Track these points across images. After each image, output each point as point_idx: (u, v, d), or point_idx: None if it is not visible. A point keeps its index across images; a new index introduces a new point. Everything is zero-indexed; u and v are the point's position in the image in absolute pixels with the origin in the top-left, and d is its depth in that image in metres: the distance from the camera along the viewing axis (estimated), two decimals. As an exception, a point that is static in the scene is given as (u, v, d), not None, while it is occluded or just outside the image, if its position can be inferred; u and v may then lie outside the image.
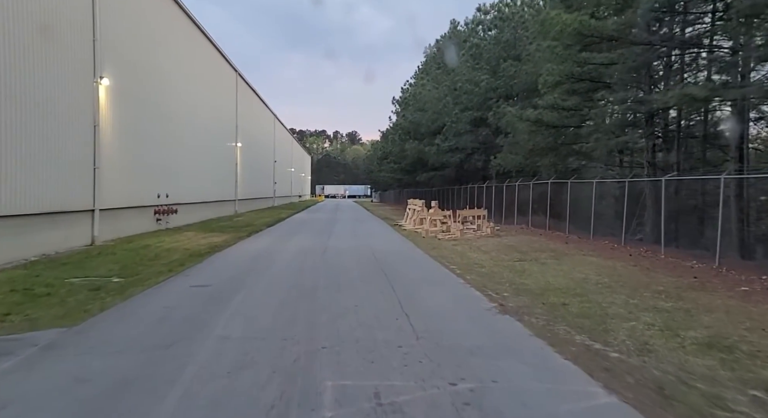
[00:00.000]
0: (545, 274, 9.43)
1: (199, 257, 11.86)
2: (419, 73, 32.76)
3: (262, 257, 11.99)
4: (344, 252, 13.06)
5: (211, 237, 16.46)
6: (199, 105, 24.02)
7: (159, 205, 18.60)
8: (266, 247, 14.22)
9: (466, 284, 8.74)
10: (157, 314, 6.44)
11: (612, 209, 15.40)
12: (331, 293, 7.89)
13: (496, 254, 12.18)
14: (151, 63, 17.98)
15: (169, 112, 19.76)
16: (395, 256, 12.51)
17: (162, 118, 19.00)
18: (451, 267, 10.56)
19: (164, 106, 19.24)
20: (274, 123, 51.29)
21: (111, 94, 14.65)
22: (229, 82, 31.16)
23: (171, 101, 20.04)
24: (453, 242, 15.00)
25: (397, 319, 6.28)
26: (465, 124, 25.01)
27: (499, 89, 23.74)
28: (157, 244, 14.10)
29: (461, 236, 16.10)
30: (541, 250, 12.68)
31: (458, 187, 30.65)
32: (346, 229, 21.52)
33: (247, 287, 8.30)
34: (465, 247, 13.91)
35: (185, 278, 9.13)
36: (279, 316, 6.41)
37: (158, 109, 18.63)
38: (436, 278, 9.50)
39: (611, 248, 12.70)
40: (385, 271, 10.02)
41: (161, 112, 18.94)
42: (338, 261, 11.43)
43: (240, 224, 23.03)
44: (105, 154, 14.33)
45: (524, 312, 6.61)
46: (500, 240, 15.22)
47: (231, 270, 10.13)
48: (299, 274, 9.74)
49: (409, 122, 30.79)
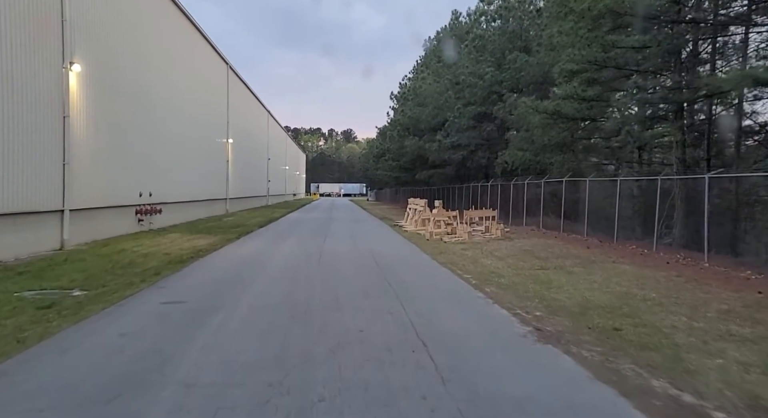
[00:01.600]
0: (577, 286, 8.17)
1: (179, 264, 10.51)
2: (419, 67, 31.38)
3: (250, 264, 10.66)
4: (342, 258, 11.75)
5: (196, 239, 15.10)
6: (186, 98, 22.60)
7: (141, 205, 17.20)
8: (256, 251, 12.88)
9: (487, 298, 7.45)
10: (110, 345, 5.11)
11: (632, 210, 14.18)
12: (329, 312, 6.58)
13: (513, 261, 10.90)
14: (132, 50, 16.55)
15: (152, 104, 18.34)
16: (399, 262, 11.22)
17: (145, 111, 17.58)
18: (465, 277, 9.28)
19: (147, 98, 17.82)
20: (268, 119, 49.83)
21: (84, 81, 13.24)
22: (220, 75, 29.71)
23: (155, 93, 18.61)
24: (461, 246, 13.73)
25: (413, 351, 4.98)
26: (468, 119, 23.74)
27: (504, 82, 22.47)
28: (135, 248, 12.73)
29: (469, 238, 14.83)
30: (562, 255, 11.42)
31: (459, 186, 29.38)
32: (343, 230, 20.20)
33: (229, 304, 6.97)
34: (476, 251, 12.64)
35: (158, 292, 7.79)
36: (265, 347, 5.09)
37: (140, 101, 17.21)
38: (450, 290, 8.21)
39: (641, 254, 11.46)
40: (390, 281, 8.72)
41: (144, 105, 17.52)
42: (336, 269, 10.12)
43: (230, 224, 21.65)
44: (77, 148, 12.93)
45: (569, 340, 5.34)
46: (513, 244, 13.96)
47: (213, 281, 8.79)
48: (292, 285, 8.42)
49: (408, 118, 29.47)
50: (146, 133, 17.79)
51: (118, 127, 15.51)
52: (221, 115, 29.76)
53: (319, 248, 13.42)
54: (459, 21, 29.62)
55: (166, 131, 19.92)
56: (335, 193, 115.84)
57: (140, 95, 17.21)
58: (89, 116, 13.66)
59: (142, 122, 17.35)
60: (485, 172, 27.87)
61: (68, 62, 12.35)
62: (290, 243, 14.89)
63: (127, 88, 16.09)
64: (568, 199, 16.29)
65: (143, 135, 17.50)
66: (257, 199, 42.74)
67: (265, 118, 48.58)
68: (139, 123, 17.10)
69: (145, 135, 17.71)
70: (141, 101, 17.26)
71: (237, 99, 33.82)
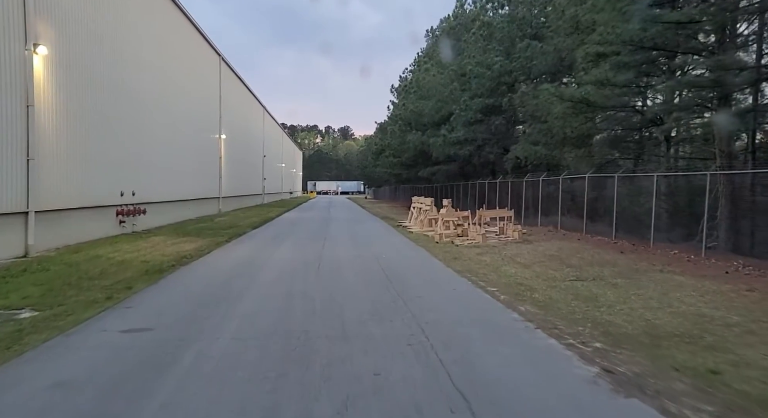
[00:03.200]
0: (630, 304, 6.80)
1: (157, 275, 9.11)
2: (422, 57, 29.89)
3: (239, 275, 9.25)
4: (344, 266, 10.35)
5: (182, 243, 13.68)
6: (175, 91, 21.12)
7: (123, 205, 15.75)
8: (247, 258, 11.47)
9: (526, 321, 6.07)
10: (32, 406, 3.70)
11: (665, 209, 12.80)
12: (334, 344, 5.20)
13: (540, 269, 9.52)
14: (111, 37, 15.06)
15: (137, 97, 16.87)
16: (410, 271, 9.83)
17: (127, 103, 16.11)
18: (490, 290, 7.90)
19: (130, 90, 16.34)
20: (263, 115, 48.31)
21: (53, 67, 11.79)
22: (211, 67, 28.20)
23: (139, 84, 17.13)
24: (476, 250, 12.36)
25: (452, 412, 3.62)
26: (475, 112, 22.33)
27: (514, 72, 21.06)
28: (111, 254, 11.30)
29: (483, 241, 13.45)
30: (596, 262, 10.04)
31: (464, 184, 27.99)
32: (343, 231, 18.79)
33: (208, 332, 5.57)
34: (494, 257, 11.26)
35: (123, 314, 6.39)
36: (248, 407, 3.71)
37: (122, 92, 15.73)
38: (477, 309, 6.82)
39: (687, 260, 10.10)
40: (404, 297, 7.34)
41: (126, 97, 16.05)
42: (338, 280, 8.73)
43: (221, 225, 20.22)
44: (45, 142, 11.49)
45: (658, 390, 3.97)
46: (534, 247, 12.59)
47: (193, 298, 7.38)
48: (287, 304, 7.02)
49: (409, 112, 28.02)
50: (129, 128, 16.32)
51: (96, 120, 14.05)
52: (213, 110, 28.27)
53: (317, 254, 12.02)
54: (464, 9, 28.18)
55: (152, 126, 18.46)
56: (332, 192, 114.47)
57: (122, 86, 15.74)
58: (60, 107, 12.21)
59: (124, 115, 15.89)
60: (492, 169, 26.50)
61: (32, 44, 10.87)
62: (286, 247, 13.48)
63: (106, 77, 14.61)
64: (591, 197, 14.91)
65: (126, 129, 16.04)
66: (252, 198, 41.28)
67: (261, 113, 47.05)
68: (121, 116, 15.64)
69: (128, 129, 16.25)
70: (123, 93, 15.79)
71: (230, 93, 32.32)
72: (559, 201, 16.26)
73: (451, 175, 29.86)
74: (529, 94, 17.81)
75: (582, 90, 12.43)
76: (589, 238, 13.98)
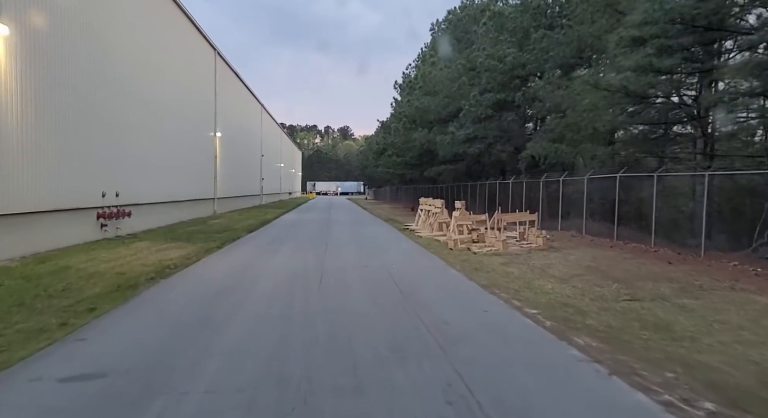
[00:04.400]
0: (716, 335, 5.39)
1: (129, 291, 7.72)
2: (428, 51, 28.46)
3: (226, 292, 7.83)
4: (350, 278, 8.95)
5: (168, 250, 12.28)
6: (166, 85, 19.71)
7: (104, 207, 14.33)
8: (239, 268, 10.06)
9: (593, 363, 4.67)
10: None
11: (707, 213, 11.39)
12: (345, 401, 3.81)
13: (582, 284, 8.11)
14: (93, 20, 13.65)
15: (122, 89, 15.47)
16: (428, 285, 8.43)
17: (111, 96, 14.71)
18: (530, 312, 6.51)
19: (113, 80, 14.93)
20: (261, 114, 46.90)
21: (16, 52, 10.38)
22: (206, 62, 26.78)
23: (125, 76, 15.73)
24: (498, 259, 10.96)
25: None
26: (485, 108, 20.94)
27: (528, 65, 19.68)
28: (83, 264, 9.89)
29: (504, 248, 12.04)
30: (646, 277, 8.63)
31: (473, 184, 26.59)
32: (346, 235, 17.39)
33: (177, 380, 4.18)
34: (522, 268, 9.86)
35: (72, 350, 5.00)
36: None
37: (104, 84, 14.32)
38: (524, 342, 5.41)
39: (755, 274, 8.68)
40: (428, 324, 5.95)
41: (110, 89, 14.64)
42: (344, 300, 7.32)
43: (215, 228, 18.81)
44: (7, 137, 10.08)
45: None
46: (564, 256, 11.19)
47: (164, 325, 5.98)
48: (283, 333, 5.62)
49: (414, 109, 26.61)
50: (113, 123, 14.92)
51: (74, 113, 12.65)
52: (208, 106, 26.86)
53: (319, 263, 10.61)
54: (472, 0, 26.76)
55: (140, 121, 17.05)
56: (332, 192, 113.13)
57: (106, 78, 14.33)
58: (26, 98, 10.80)
59: (108, 110, 14.48)
60: (502, 169, 25.12)
61: (-10, 23, 9.48)
62: (283, 255, 12.08)
63: (86, 67, 13.20)
64: (623, 199, 13.50)
65: (109, 124, 14.63)
66: (250, 199, 39.87)
67: (258, 112, 45.64)
68: (103, 110, 14.23)
69: (112, 125, 14.85)
70: (105, 85, 14.38)
71: (226, 89, 30.91)
72: (583, 203, 14.83)
73: (457, 176, 28.46)
74: (547, 87, 16.41)
75: (621, 77, 11.04)
76: (622, 245, 12.58)
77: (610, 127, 12.61)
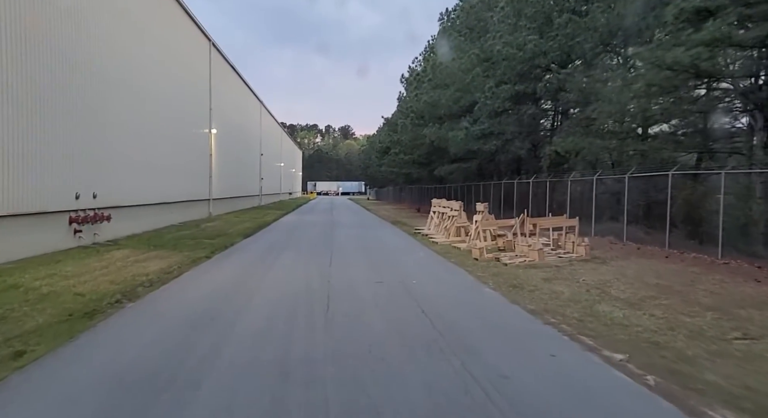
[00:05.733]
0: None
1: (81, 323, 6.00)
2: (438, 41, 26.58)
3: (205, 324, 6.07)
4: (364, 303, 7.20)
5: (148, 260, 10.56)
6: (153, 75, 17.97)
7: (78, 211, 12.62)
8: (226, 287, 8.31)
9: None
10: None
11: None
12: None
13: (663, 312, 6.34)
14: None
15: (101, 78, 13.73)
16: (464, 313, 6.68)
17: (86, 85, 12.99)
18: (614, 358, 4.77)
19: (89, 69, 13.21)
20: (261, 111, 45.17)
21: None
22: (200, 52, 25.04)
23: (103, 63, 14.00)
24: (539, 273, 9.20)
25: None
26: (502, 101, 19.19)
27: (550, 53, 17.93)
28: (39, 281, 8.16)
29: (541, 259, 10.28)
30: (742, 301, 6.83)
31: (485, 184, 24.83)
32: (352, 241, 15.65)
33: None
34: (571, 286, 8.11)
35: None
36: None
37: (78, 70, 12.60)
38: (630, 415, 3.69)
39: None
40: (480, 380, 4.22)
41: (86, 78, 12.92)
42: (360, 340, 5.56)
43: (208, 232, 17.09)
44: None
45: None
46: (617, 270, 9.44)
47: (109, 385, 4.22)
48: (271, 402, 3.89)
49: (423, 103, 24.85)
50: (90, 115, 13.20)
51: (38, 102, 10.93)
52: (202, 101, 25.12)
53: (324, 279, 8.87)
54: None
55: (124, 113, 15.32)
56: (333, 192, 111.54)
57: (77, 63, 12.61)
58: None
59: (85, 99, 12.76)
60: (517, 167, 23.37)
61: None
62: (282, 268, 10.35)
63: (56, 51, 11.49)
64: (677, 200, 11.70)
65: (85, 116, 12.92)
66: (248, 200, 38.15)
67: (257, 108, 43.89)
68: (78, 99, 12.52)
69: (89, 116, 13.13)
70: (79, 71, 12.66)
71: (222, 83, 29.18)
72: (624, 206, 13.02)
73: (468, 175, 26.69)
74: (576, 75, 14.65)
75: (692, 53, 9.28)
76: (679, 255, 10.80)
77: (667, 115, 10.84)
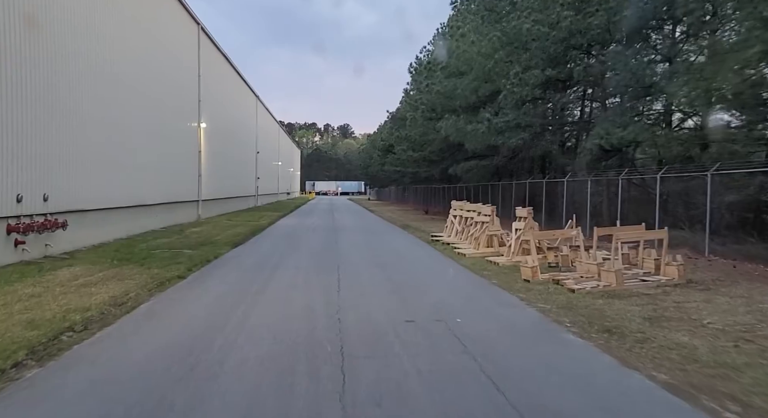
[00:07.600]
0: None
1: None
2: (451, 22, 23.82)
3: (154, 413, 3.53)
4: (397, 370, 4.65)
5: (101, 283, 8.03)
6: (129, 60, 15.39)
7: (22, 217, 10.09)
8: (196, 330, 5.74)
9: None
10: None
11: None
12: None
13: None
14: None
15: (63, 58, 11.19)
16: (551, 386, 4.16)
17: (39, 65, 10.44)
18: None
19: (45, 47, 10.67)
20: (257, 106, 42.60)
21: None
22: (187, 37, 22.46)
23: (65, 42, 11.45)
24: (629, 307, 6.68)
25: None
26: (532, 88, 16.69)
27: (589, 31, 15.45)
28: None
29: (620, 284, 7.76)
30: None
31: (505, 184, 22.33)
32: (362, 252, 13.11)
33: None
34: (697, 333, 5.60)
35: None
36: None
37: (28, 46, 10.06)
38: None
39: None
40: None
41: (40, 57, 10.38)
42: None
43: (190, 241, 14.53)
44: None
45: None
46: (742, 302, 6.94)
47: None
48: None
49: (435, 94, 22.34)
50: (34, 98, 10.66)
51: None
52: (189, 92, 22.55)
53: (332, 317, 6.33)
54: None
55: (87, 98, 12.76)
56: (332, 192, 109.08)
57: (27, 38, 10.07)
58: None
59: (26, 75, 10.22)
60: (542, 165, 20.87)
61: None
62: (274, 294, 7.82)
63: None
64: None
65: (26, 99, 10.38)
66: (243, 200, 35.61)
67: (254, 103, 41.33)
68: (19, 80, 9.98)
69: (37, 100, 10.59)
70: (27, 45, 10.13)
71: (213, 74, 26.62)
72: (707, 211, 10.44)
73: (484, 174, 24.16)
74: (626, 55, 12.16)
75: None
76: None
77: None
